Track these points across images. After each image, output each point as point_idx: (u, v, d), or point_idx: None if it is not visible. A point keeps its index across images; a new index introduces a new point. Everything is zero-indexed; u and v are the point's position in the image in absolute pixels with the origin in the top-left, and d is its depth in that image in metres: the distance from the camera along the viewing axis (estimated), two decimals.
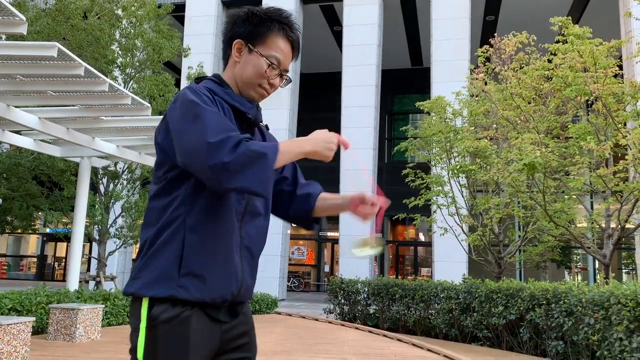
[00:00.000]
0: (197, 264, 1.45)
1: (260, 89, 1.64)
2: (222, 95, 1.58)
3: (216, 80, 1.63)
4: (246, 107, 1.61)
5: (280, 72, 1.65)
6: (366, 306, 10.26)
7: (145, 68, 12.67)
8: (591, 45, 7.78)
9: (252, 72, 1.61)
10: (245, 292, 1.57)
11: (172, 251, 1.45)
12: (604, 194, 9.17)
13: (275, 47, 1.62)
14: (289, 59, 1.67)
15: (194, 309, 1.45)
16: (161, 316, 1.41)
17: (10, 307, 6.55)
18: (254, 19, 1.62)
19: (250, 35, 1.62)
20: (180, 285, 1.42)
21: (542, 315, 6.69)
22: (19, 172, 12.31)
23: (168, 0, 19.09)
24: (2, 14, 5.01)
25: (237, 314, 1.58)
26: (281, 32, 1.63)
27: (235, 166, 1.35)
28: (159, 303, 1.43)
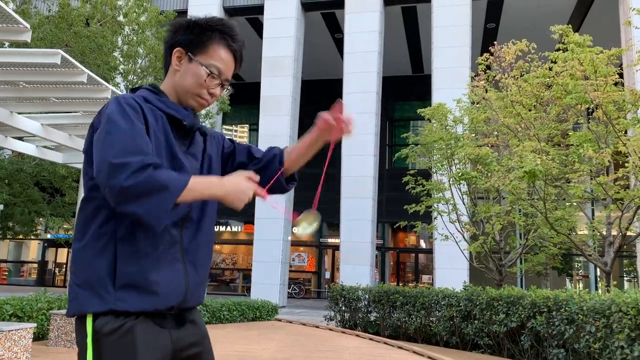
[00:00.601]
0: (133, 275, 1.42)
1: (200, 99, 1.62)
2: (157, 103, 1.56)
3: (152, 89, 1.62)
4: (182, 115, 1.58)
5: (221, 82, 1.63)
6: (367, 313, 10.24)
7: (147, 75, 12.73)
8: (591, 53, 7.81)
9: (192, 81, 1.59)
10: (192, 297, 1.55)
11: (104, 265, 1.42)
12: (605, 202, 9.17)
13: (216, 57, 1.60)
14: (230, 69, 1.65)
15: (139, 318, 1.43)
16: (104, 328, 1.40)
17: (11, 313, 6.55)
18: (195, 28, 1.61)
19: (191, 44, 1.60)
20: (118, 299, 1.41)
21: (543, 323, 6.68)
22: (21, 178, 12.35)
23: (170, 7, 19.22)
24: (6, 22, 5.05)
25: (185, 320, 1.56)
26: (222, 42, 1.61)
27: (133, 191, 1.32)
28: (102, 316, 1.41)
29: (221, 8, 19.75)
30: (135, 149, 1.37)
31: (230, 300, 10.64)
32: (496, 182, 8.78)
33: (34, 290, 8.88)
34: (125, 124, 1.41)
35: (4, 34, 5.25)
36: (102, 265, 1.43)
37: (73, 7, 12.07)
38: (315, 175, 2.68)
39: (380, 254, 23.05)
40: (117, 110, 1.44)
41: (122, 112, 1.43)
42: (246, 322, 10.66)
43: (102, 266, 1.43)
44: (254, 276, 17.98)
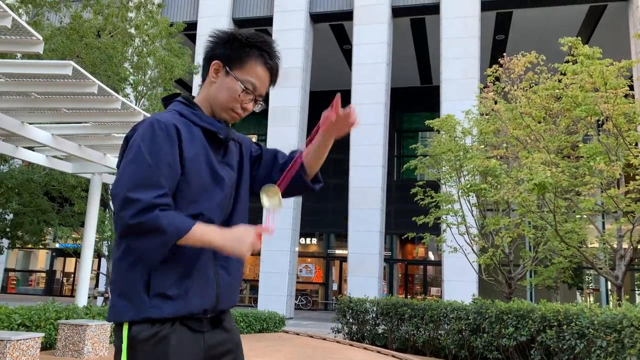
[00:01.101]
0: (165, 283, 1.47)
1: (233, 112, 1.65)
2: (191, 117, 1.60)
3: (186, 103, 1.64)
4: (216, 127, 1.62)
5: (254, 98, 1.66)
6: (375, 326, 10.17)
7: (156, 85, 12.84)
8: (601, 65, 7.78)
9: (227, 95, 1.63)
10: (225, 300, 1.58)
11: (138, 275, 1.48)
12: (616, 215, 9.08)
13: (252, 73, 1.63)
14: (265, 85, 1.68)
15: (175, 324, 1.47)
16: (139, 335, 1.45)
17: (19, 322, 6.56)
18: (235, 43, 1.64)
19: (229, 58, 1.63)
20: (153, 306, 1.45)
21: (553, 337, 6.60)
22: (31, 187, 12.44)
23: (180, 18, 19.41)
24: (19, 34, 5.11)
25: (221, 322, 1.60)
26: (260, 59, 1.64)
27: (134, 230, 1.40)
28: (137, 324, 1.46)
29: (231, 20, 19.92)
30: (149, 184, 1.43)
31: (237, 311, 10.61)
32: (505, 194, 8.73)
33: (42, 299, 8.91)
34: (151, 155, 1.46)
35: (17, 46, 5.31)
36: (137, 275, 1.48)
37: (85, 19, 12.21)
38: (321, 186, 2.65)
39: (388, 265, 22.94)
40: (148, 137, 1.48)
41: (151, 139, 1.48)
42: (253, 333, 10.62)
43: (137, 276, 1.48)
44: (261, 287, 17.94)
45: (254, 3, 20.18)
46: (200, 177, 1.54)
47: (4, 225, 13.56)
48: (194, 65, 14.23)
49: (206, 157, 1.58)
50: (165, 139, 1.48)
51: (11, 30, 5.04)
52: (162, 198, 1.42)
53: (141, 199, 1.39)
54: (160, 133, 1.48)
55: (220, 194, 1.58)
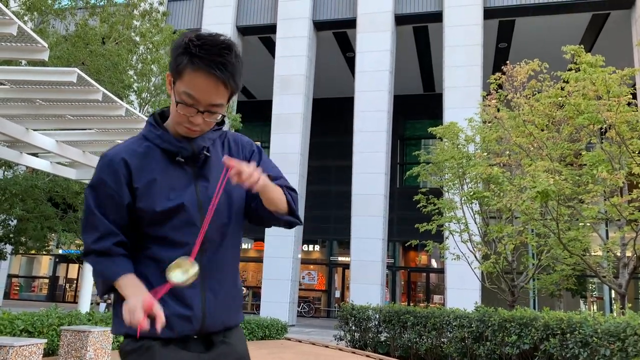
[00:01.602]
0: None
1: (184, 127, 1.52)
2: (154, 139, 1.57)
3: (152, 122, 1.60)
4: (176, 147, 1.55)
5: (199, 110, 1.47)
6: (377, 333, 10.14)
7: (160, 92, 12.90)
8: (604, 73, 7.79)
9: (172, 109, 1.54)
10: (214, 322, 1.54)
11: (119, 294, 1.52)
12: (619, 223, 9.06)
13: (189, 83, 1.44)
14: (211, 95, 1.45)
15: (154, 342, 1.48)
16: (126, 348, 1.52)
17: (22, 328, 6.57)
18: (175, 51, 1.47)
19: (172, 69, 1.49)
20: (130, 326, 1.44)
21: (556, 345, 6.57)
22: (35, 193, 12.48)
23: (184, 26, 19.52)
24: (25, 41, 5.15)
25: (214, 343, 1.55)
26: (195, 67, 1.42)
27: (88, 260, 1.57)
28: (126, 338, 1.53)
29: (234, 27, 20.02)
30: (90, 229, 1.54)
31: None
32: (508, 201, 8.72)
33: (45, 305, 8.91)
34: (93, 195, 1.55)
35: (22, 53, 5.36)
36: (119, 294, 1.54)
37: (90, 26, 12.30)
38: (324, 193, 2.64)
39: (391, 273, 22.88)
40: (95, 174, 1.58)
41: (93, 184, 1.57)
42: (255, 340, 10.59)
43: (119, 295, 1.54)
44: (264, 294, 17.92)
45: (257, 11, 20.29)
46: (157, 202, 1.50)
47: (8, 231, 13.59)
48: None
49: (166, 180, 1.53)
50: (108, 174, 1.55)
51: (17, 38, 5.08)
52: (98, 242, 1.52)
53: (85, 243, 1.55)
54: (104, 168, 1.56)
55: (185, 214, 1.51)
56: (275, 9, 19.86)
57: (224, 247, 1.59)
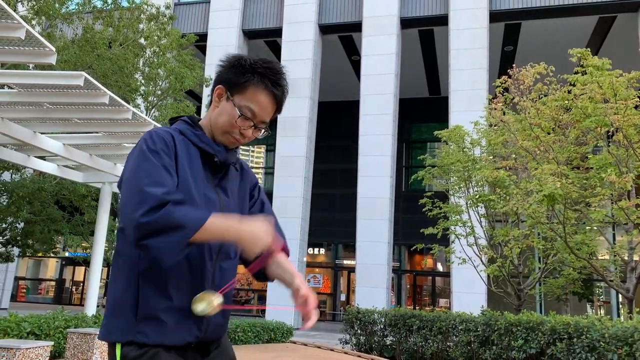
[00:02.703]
0: (153, 309, 1.47)
1: (231, 137, 1.64)
2: (191, 137, 1.61)
3: (189, 122, 1.66)
4: (214, 150, 1.62)
5: (254, 124, 1.63)
6: (383, 337, 10.11)
7: (167, 96, 12.95)
8: (611, 76, 7.76)
9: (225, 120, 1.62)
10: (214, 331, 1.58)
11: (128, 297, 1.48)
12: (627, 227, 9.01)
13: (252, 99, 1.60)
14: (267, 112, 1.64)
15: (159, 348, 1.47)
16: (130, 354, 1.46)
17: (29, 330, 6.60)
18: (239, 67, 1.62)
19: (231, 84, 1.62)
20: (138, 331, 1.46)
21: (563, 350, 6.53)
22: (42, 196, 12.54)
23: (190, 30, 19.61)
24: (32, 45, 5.19)
25: (210, 351, 1.59)
26: (261, 85, 1.61)
27: (149, 228, 1.37)
28: (127, 345, 1.48)
29: (240, 31, 20.09)
30: (156, 184, 1.41)
31: (245, 321, 10.60)
32: (515, 205, 8.69)
33: (51, 308, 8.95)
34: (151, 159, 1.47)
35: (30, 57, 5.40)
36: (129, 296, 1.49)
37: (97, 30, 12.37)
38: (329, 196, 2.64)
39: (396, 276, 22.83)
40: (147, 145, 1.50)
41: (150, 147, 1.49)
42: (261, 343, 10.59)
43: (128, 297, 1.49)
44: (269, 297, 17.91)
45: (263, 15, 20.35)
46: (190, 193, 1.52)
47: (15, 234, 13.66)
48: (205, 77, 14.35)
49: (200, 177, 1.57)
50: (163, 147, 1.51)
51: (25, 42, 5.12)
52: (171, 194, 1.41)
53: (149, 198, 1.38)
54: (158, 141, 1.51)
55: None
56: (281, 13, 19.92)
57: (232, 259, 1.64)
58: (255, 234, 1.44)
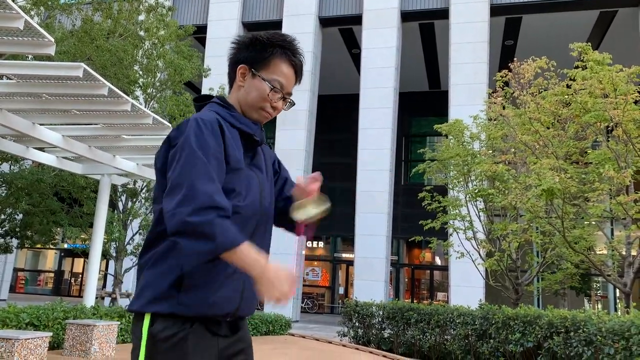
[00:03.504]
0: (196, 281, 1.48)
1: (264, 112, 1.68)
2: (229, 118, 1.63)
3: (222, 104, 1.67)
4: (253, 129, 1.66)
5: (283, 96, 1.69)
6: (380, 330, 10.15)
7: (166, 88, 12.91)
8: (611, 71, 7.75)
9: (256, 96, 1.66)
10: (246, 306, 1.60)
11: (171, 269, 1.48)
12: (625, 222, 9.03)
13: (278, 72, 1.67)
14: (291, 83, 1.71)
15: (195, 325, 1.48)
16: (160, 334, 1.45)
17: (27, 321, 6.61)
18: (257, 45, 1.68)
19: (254, 60, 1.67)
20: (180, 303, 1.46)
21: (560, 343, 6.56)
22: (41, 188, 12.53)
23: (190, 22, 19.53)
24: (31, 35, 5.17)
25: (238, 329, 1.62)
26: (283, 57, 1.68)
27: (187, 228, 1.37)
28: (160, 320, 1.47)
29: (240, 23, 20.01)
30: (207, 180, 1.43)
31: None
32: (514, 199, 8.70)
33: (50, 299, 8.97)
34: (203, 150, 1.47)
35: (29, 47, 5.38)
36: (171, 270, 1.49)
37: (96, 21, 12.31)
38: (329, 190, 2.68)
39: (395, 269, 22.89)
40: (196, 132, 1.49)
41: (201, 135, 1.49)
42: (259, 336, 10.63)
43: (171, 271, 1.49)
44: None
45: (263, 7, 20.27)
46: (241, 177, 1.57)
47: (14, 225, 13.66)
48: (204, 68, 14.30)
49: (243, 157, 1.61)
50: (210, 135, 1.51)
51: (23, 32, 5.10)
52: (221, 198, 1.42)
53: (201, 193, 1.39)
54: (207, 130, 1.51)
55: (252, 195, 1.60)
56: (281, 5, 19.84)
57: (267, 235, 1.70)
58: (275, 283, 1.43)
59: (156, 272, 1.50)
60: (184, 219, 1.37)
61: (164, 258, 1.50)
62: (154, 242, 1.54)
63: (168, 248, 1.51)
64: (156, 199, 1.57)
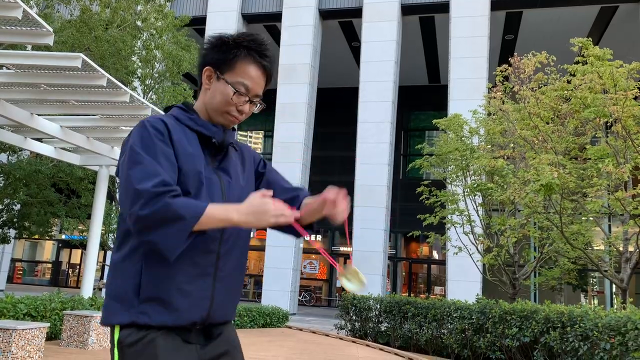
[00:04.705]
0: (156, 289, 1.45)
1: (229, 116, 1.62)
2: (187, 121, 1.59)
3: (183, 108, 1.64)
4: (211, 132, 1.60)
5: (249, 99, 1.62)
6: (378, 323, 10.18)
7: (164, 79, 12.86)
8: (611, 67, 7.74)
9: (220, 100, 1.60)
10: (218, 314, 1.55)
11: (130, 277, 1.46)
12: (622, 217, 9.04)
13: (243, 74, 1.60)
14: (259, 85, 1.64)
15: (161, 331, 1.45)
16: (127, 340, 1.44)
17: (25, 312, 6.61)
18: (223, 46, 1.61)
19: (219, 63, 1.61)
20: (140, 312, 1.44)
21: (556, 338, 6.59)
22: (39, 179, 12.50)
23: (189, 13, 19.43)
24: (30, 25, 5.14)
25: (213, 336, 1.57)
26: (249, 59, 1.60)
27: (148, 221, 1.36)
28: (125, 328, 1.45)
29: (239, 15, 19.92)
30: (152, 176, 1.40)
31: (241, 306, 10.64)
32: (512, 194, 8.70)
33: (48, 290, 8.97)
34: (146, 150, 1.45)
35: (27, 37, 5.34)
36: (131, 278, 1.47)
37: (94, 12, 12.24)
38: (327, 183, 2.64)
39: (392, 263, 22.94)
40: (140, 136, 1.48)
41: (145, 137, 1.48)
42: (257, 328, 10.65)
43: (131, 279, 1.47)
44: (265, 282, 17.99)
45: None
46: (195, 174, 1.52)
47: (12, 216, 13.64)
48: None
49: (200, 160, 1.55)
50: (156, 135, 1.48)
51: (22, 22, 5.07)
52: (166, 186, 1.40)
53: (147, 190, 1.37)
54: (152, 130, 1.49)
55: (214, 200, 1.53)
56: None
57: (241, 240, 1.62)
58: (255, 208, 1.43)
59: (117, 281, 1.48)
60: (138, 215, 1.36)
61: (123, 266, 1.49)
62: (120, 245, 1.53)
63: (128, 253, 1.49)
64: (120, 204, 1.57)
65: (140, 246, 1.47)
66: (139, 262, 1.47)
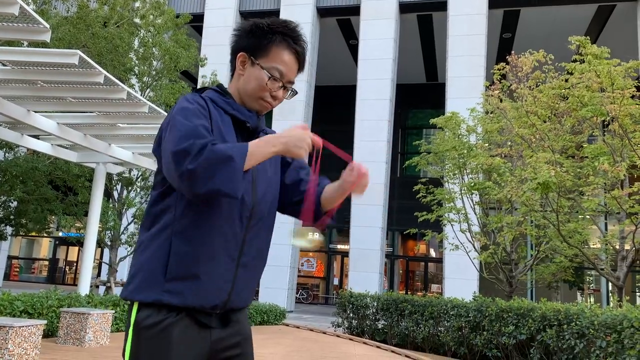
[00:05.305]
0: (183, 270, 1.45)
1: (263, 102, 1.64)
2: (222, 104, 1.60)
3: (218, 90, 1.65)
4: (245, 116, 1.62)
5: (283, 85, 1.64)
6: (375, 321, 10.20)
7: (162, 76, 12.83)
8: (609, 65, 7.75)
9: (254, 85, 1.62)
10: (237, 299, 1.56)
11: (159, 256, 1.47)
12: (619, 216, 9.07)
13: (278, 60, 1.61)
14: (293, 71, 1.65)
15: (180, 314, 1.46)
16: (144, 322, 1.45)
17: (22, 309, 6.60)
18: (257, 32, 1.62)
19: (254, 48, 1.62)
20: (165, 290, 1.44)
21: (553, 336, 6.61)
22: (35, 176, 12.46)
23: (187, 10, 19.39)
24: (26, 22, 5.12)
25: (230, 321, 1.58)
26: (284, 44, 1.61)
27: (200, 172, 1.35)
28: (145, 308, 1.46)
29: (237, 12, 19.88)
30: (193, 134, 1.40)
31: None
32: (509, 192, 8.72)
33: (45, 287, 8.96)
34: (187, 117, 1.46)
35: (24, 34, 5.33)
36: (159, 256, 1.48)
37: (91, 8, 12.20)
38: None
39: (389, 261, 22.96)
40: (182, 106, 1.50)
41: (186, 108, 1.49)
42: (254, 325, 10.66)
43: (159, 257, 1.48)
44: (263, 280, 17.98)
45: None
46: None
47: (8, 213, 13.60)
48: (200, 58, 14.21)
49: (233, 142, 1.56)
50: (197, 109, 1.50)
51: (18, 18, 5.05)
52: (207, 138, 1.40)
53: (190, 147, 1.36)
54: (193, 103, 1.51)
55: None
56: None
57: (265, 226, 1.64)
58: (294, 136, 1.48)
59: (144, 258, 1.49)
60: (187, 170, 1.35)
61: (152, 244, 1.49)
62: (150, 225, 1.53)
63: (157, 232, 1.49)
64: (155, 186, 1.57)
65: (170, 225, 1.48)
66: (168, 240, 1.48)
